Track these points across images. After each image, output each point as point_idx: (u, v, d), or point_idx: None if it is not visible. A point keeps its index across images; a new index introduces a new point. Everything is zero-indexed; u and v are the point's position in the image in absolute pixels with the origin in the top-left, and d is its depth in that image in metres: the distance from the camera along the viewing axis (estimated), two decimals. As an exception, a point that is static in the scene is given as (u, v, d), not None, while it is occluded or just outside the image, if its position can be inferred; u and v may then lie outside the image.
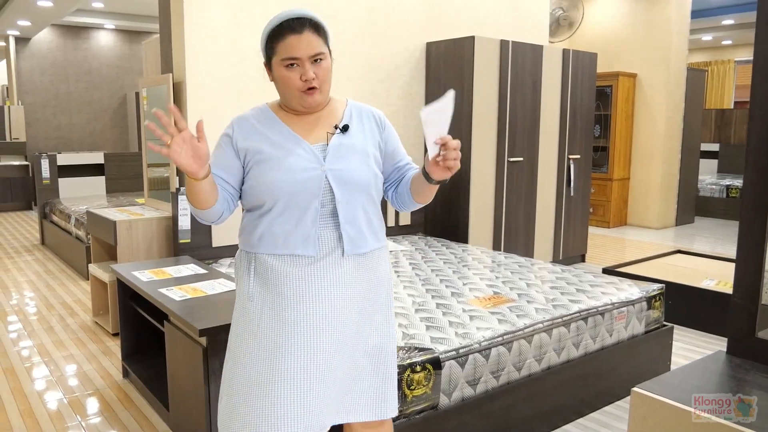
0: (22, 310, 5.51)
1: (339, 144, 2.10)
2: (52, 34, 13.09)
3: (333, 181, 2.05)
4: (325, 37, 2.11)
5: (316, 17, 2.11)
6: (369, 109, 2.26)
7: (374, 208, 2.17)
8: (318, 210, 2.05)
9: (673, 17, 9.36)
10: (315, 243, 2.05)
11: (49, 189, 8.67)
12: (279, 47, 2.07)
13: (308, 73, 2.04)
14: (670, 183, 9.79)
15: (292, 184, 2.03)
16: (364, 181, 2.10)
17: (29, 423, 3.48)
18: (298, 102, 2.10)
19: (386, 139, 2.25)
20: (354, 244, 2.09)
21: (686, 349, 4.60)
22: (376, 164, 2.17)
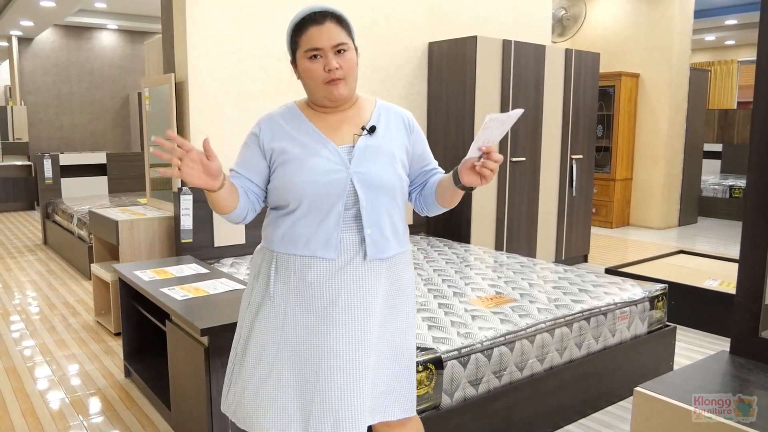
0: (24, 310, 5.51)
1: (365, 146, 2.08)
2: (54, 34, 13.11)
3: (358, 184, 2.03)
4: (348, 29, 2.09)
5: (339, 10, 2.10)
6: (398, 111, 2.23)
7: (399, 213, 2.16)
8: (341, 213, 2.03)
9: (676, 17, 9.34)
10: (336, 246, 2.04)
11: (51, 189, 8.68)
12: (302, 40, 2.06)
13: (331, 63, 2.02)
14: (673, 183, 9.77)
15: (316, 186, 2.02)
16: (390, 184, 2.08)
17: (31, 422, 3.48)
18: (323, 95, 2.07)
19: (414, 142, 2.21)
20: (377, 248, 2.07)
21: (689, 350, 4.59)
22: (402, 167, 2.14)
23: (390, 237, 2.10)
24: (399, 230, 2.15)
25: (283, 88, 5.00)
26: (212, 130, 4.70)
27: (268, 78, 4.94)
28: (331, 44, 2.02)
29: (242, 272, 4.25)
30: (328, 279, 2.04)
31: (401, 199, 2.16)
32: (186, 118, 4.63)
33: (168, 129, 4.72)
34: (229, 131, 4.77)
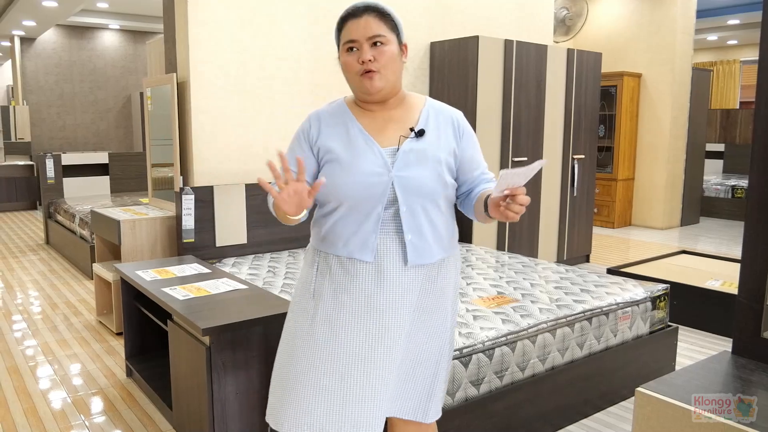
0: (26, 310, 5.52)
1: (410, 149, 2.05)
2: (56, 34, 13.12)
3: (398, 188, 2.01)
4: (391, 24, 2.05)
5: (381, 5, 2.06)
6: (449, 112, 2.17)
7: (442, 217, 2.11)
8: (380, 216, 2.03)
9: (679, 17, 9.34)
10: (373, 249, 2.03)
11: (53, 189, 8.68)
12: (342, 34, 2.07)
13: (364, 55, 2.00)
14: (675, 183, 9.77)
15: (357, 188, 2.02)
16: (431, 190, 2.04)
17: (33, 422, 3.49)
18: (358, 88, 2.07)
19: (463, 146, 2.14)
20: (418, 253, 2.05)
21: (691, 350, 4.59)
22: (448, 172, 2.09)
23: (432, 243, 2.07)
24: (443, 236, 2.11)
25: (284, 88, 5.01)
26: (214, 129, 4.70)
27: (270, 78, 4.94)
28: (366, 35, 2.01)
29: (244, 272, 4.25)
30: (364, 281, 2.05)
31: (446, 204, 2.13)
32: (188, 118, 4.63)
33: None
34: (231, 131, 4.77)
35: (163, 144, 4.99)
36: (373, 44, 2.01)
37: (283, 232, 4.99)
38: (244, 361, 2.84)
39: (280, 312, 2.94)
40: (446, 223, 2.14)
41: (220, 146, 4.75)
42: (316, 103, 5.16)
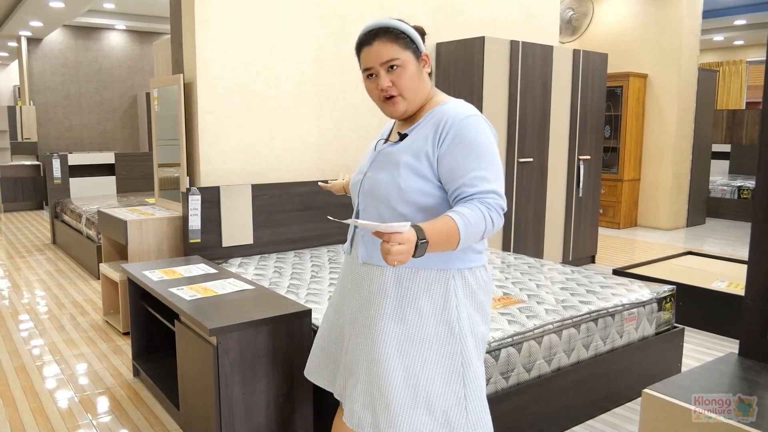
0: (33, 309, 5.54)
1: (382, 151, 2.15)
2: (63, 34, 13.15)
3: (361, 188, 2.16)
4: (404, 42, 2.06)
5: (392, 24, 2.08)
6: (444, 115, 2.03)
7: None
8: (354, 212, 2.22)
9: (685, 17, 9.32)
10: (350, 241, 2.25)
11: (60, 189, 8.71)
12: (360, 61, 2.13)
13: (382, 83, 2.05)
14: (681, 184, 9.75)
15: (351, 185, 2.28)
16: (383, 193, 2.05)
17: (41, 421, 3.50)
18: (383, 111, 2.15)
19: (442, 152, 1.99)
20: (368, 253, 2.13)
21: (697, 351, 4.59)
22: (413, 174, 2.00)
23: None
24: None
25: (289, 88, 5.01)
26: (220, 130, 4.71)
27: (275, 78, 4.95)
28: (379, 62, 2.05)
29: (250, 272, 4.26)
30: (346, 272, 2.29)
31: (413, 210, 2.02)
32: (194, 118, 4.64)
33: (176, 130, 4.74)
34: (237, 131, 4.79)
35: (169, 144, 5.01)
36: (390, 68, 2.05)
37: (288, 232, 5.00)
38: (251, 361, 2.85)
39: (287, 312, 2.95)
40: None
41: (226, 146, 4.76)
42: (321, 103, 5.17)
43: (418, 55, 2.09)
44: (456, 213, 1.84)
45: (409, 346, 2.04)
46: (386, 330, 2.05)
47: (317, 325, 3.19)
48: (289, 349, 2.96)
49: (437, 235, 1.78)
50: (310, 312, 3.04)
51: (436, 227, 1.79)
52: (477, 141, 1.97)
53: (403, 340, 2.04)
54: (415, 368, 2.04)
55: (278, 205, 4.93)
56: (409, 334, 2.05)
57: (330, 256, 4.79)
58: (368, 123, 5.44)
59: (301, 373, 2.99)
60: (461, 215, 1.83)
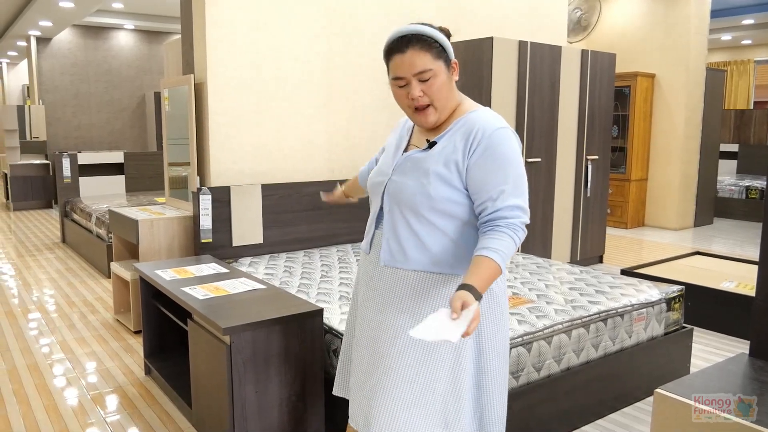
0: (43, 307, 5.57)
1: (409, 157, 2.13)
2: (72, 34, 13.20)
3: (386, 191, 2.14)
4: (436, 51, 2.01)
5: (425, 32, 2.02)
6: (476, 125, 2.03)
7: (430, 230, 2.05)
8: (377, 213, 2.20)
9: (693, 17, 9.32)
10: (369, 241, 2.24)
11: (69, 188, 8.75)
12: (390, 66, 2.07)
13: (413, 92, 2.02)
14: (689, 184, 9.75)
15: (370, 184, 2.26)
16: (410, 200, 2.04)
17: (53, 418, 3.53)
18: (411, 119, 2.16)
19: (472, 163, 2.00)
20: (392, 256, 2.12)
21: (706, 351, 4.59)
22: (443, 183, 2.01)
23: (410, 251, 2.07)
24: (431, 250, 2.05)
25: (299, 89, 5.04)
26: (230, 130, 4.74)
27: (286, 79, 4.97)
28: (412, 72, 2.00)
29: (260, 272, 4.28)
30: (364, 272, 2.28)
31: (441, 218, 2.04)
32: (205, 118, 4.67)
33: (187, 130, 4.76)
34: (246, 131, 4.81)
35: (179, 144, 5.03)
36: (422, 79, 2.01)
37: (297, 232, 5.03)
38: (264, 360, 2.88)
39: (299, 312, 2.97)
40: (436, 237, 2.06)
41: (236, 146, 4.79)
42: (330, 103, 5.19)
43: (449, 63, 2.06)
44: (492, 251, 1.89)
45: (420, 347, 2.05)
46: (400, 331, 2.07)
47: (329, 325, 3.22)
48: (302, 349, 2.98)
49: (486, 284, 1.86)
50: (322, 312, 3.06)
51: (483, 278, 1.86)
52: (506, 155, 1.99)
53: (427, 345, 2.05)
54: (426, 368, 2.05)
55: (288, 205, 4.96)
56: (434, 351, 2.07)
57: (339, 255, 4.81)
58: (377, 123, 5.46)
59: (313, 371, 3.02)
60: (497, 252, 1.89)
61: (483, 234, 1.96)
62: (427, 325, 1.74)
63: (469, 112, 2.09)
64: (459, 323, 1.71)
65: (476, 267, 1.88)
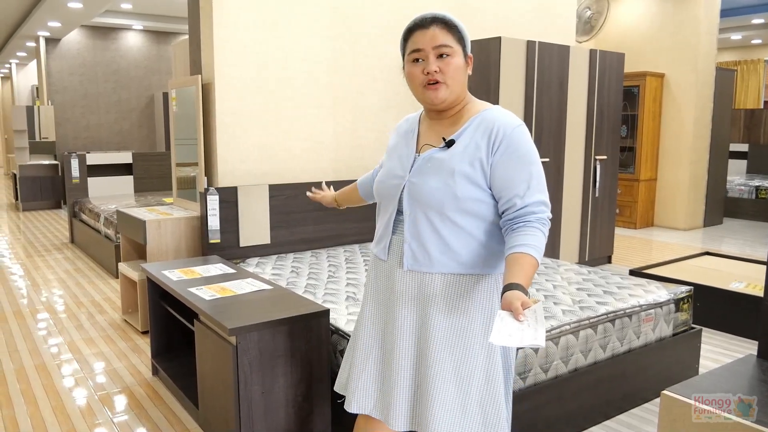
0: (52, 308, 5.59)
1: (429, 158, 2.08)
2: (81, 34, 13.23)
3: (405, 193, 2.09)
4: (458, 36, 2.07)
5: (449, 17, 2.09)
6: (495, 122, 2.04)
7: (454, 230, 2.03)
8: (392, 217, 2.14)
9: (702, 16, 9.28)
10: (386, 248, 2.17)
11: (78, 188, 8.77)
12: (408, 44, 2.11)
13: (430, 66, 2.03)
14: (698, 184, 9.71)
15: (380, 188, 2.20)
16: (435, 201, 2.01)
17: (61, 418, 3.54)
18: (422, 99, 2.12)
19: (496, 160, 2.00)
20: (416, 260, 2.07)
21: (715, 352, 4.57)
22: (469, 183, 2.00)
23: (435, 253, 2.04)
24: (456, 250, 2.04)
25: (306, 89, 5.03)
26: (238, 131, 4.74)
27: (293, 79, 4.97)
28: (432, 45, 2.03)
29: (267, 272, 4.28)
30: (378, 277, 2.23)
31: (466, 218, 2.03)
32: (212, 119, 4.67)
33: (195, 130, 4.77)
34: (254, 132, 4.81)
35: (187, 144, 5.04)
36: (439, 56, 2.04)
37: (305, 232, 5.03)
38: (270, 360, 2.87)
39: (305, 312, 2.97)
40: (462, 238, 2.04)
41: (244, 147, 4.79)
42: (337, 103, 5.19)
43: (465, 54, 2.11)
44: (529, 247, 1.90)
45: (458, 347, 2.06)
46: (436, 334, 2.06)
47: (335, 325, 3.21)
48: (308, 349, 2.98)
49: (529, 280, 1.86)
50: (329, 312, 3.06)
51: (527, 275, 1.86)
52: (528, 152, 2.01)
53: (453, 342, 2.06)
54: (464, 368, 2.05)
55: (295, 205, 4.95)
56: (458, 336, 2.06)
57: (347, 256, 4.81)
58: (384, 123, 5.46)
59: (319, 372, 3.02)
60: (533, 247, 1.91)
61: (513, 230, 1.97)
62: (500, 330, 1.70)
63: (484, 111, 2.10)
64: (535, 325, 1.70)
65: (517, 265, 1.88)
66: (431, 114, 2.18)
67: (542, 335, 1.67)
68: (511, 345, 1.67)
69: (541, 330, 1.68)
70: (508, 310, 1.73)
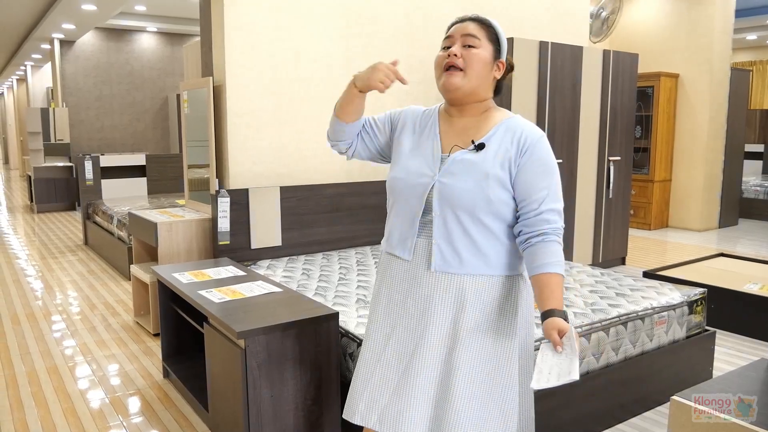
0: (65, 310, 5.61)
1: (460, 159, 2.06)
2: (95, 37, 13.30)
3: (436, 193, 2.05)
4: (491, 37, 2.12)
5: (489, 19, 2.15)
6: (521, 129, 2.08)
7: (484, 233, 2.04)
8: (418, 216, 2.09)
9: (717, 16, 9.22)
10: (411, 248, 2.12)
11: (92, 190, 8.81)
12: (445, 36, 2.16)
13: (453, 48, 2.08)
14: (713, 184, 9.64)
15: (404, 185, 2.13)
16: (468, 202, 2.01)
17: (72, 422, 3.54)
18: (440, 85, 2.12)
19: (522, 165, 2.04)
20: (445, 261, 2.05)
21: (729, 354, 4.53)
22: (500, 186, 2.02)
23: (465, 255, 2.04)
24: (485, 252, 2.05)
25: (318, 91, 5.03)
26: (248, 132, 4.73)
27: (303, 80, 4.96)
28: (461, 33, 2.09)
29: (278, 274, 4.28)
30: (402, 279, 2.15)
31: (495, 221, 2.04)
32: (223, 120, 4.67)
33: (206, 131, 4.77)
34: (265, 133, 4.81)
35: (198, 146, 5.04)
36: (466, 46, 2.08)
37: (316, 234, 5.02)
38: (279, 363, 2.86)
39: (315, 315, 2.96)
40: (490, 240, 2.05)
41: (255, 148, 4.79)
42: (351, 105, 5.17)
43: (497, 57, 2.13)
44: (553, 266, 1.99)
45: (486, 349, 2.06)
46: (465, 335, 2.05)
47: (345, 328, 3.20)
48: (317, 352, 2.97)
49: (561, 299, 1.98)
50: (338, 315, 3.04)
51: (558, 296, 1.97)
52: (550, 163, 2.08)
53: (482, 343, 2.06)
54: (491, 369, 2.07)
55: (306, 207, 4.95)
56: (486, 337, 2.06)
57: (358, 258, 4.80)
58: (396, 125, 5.43)
59: (329, 375, 3.01)
60: (557, 264, 2.00)
61: (532, 246, 2.02)
62: (541, 371, 1.81)
63: (508, 119, 2.12)
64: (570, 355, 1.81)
65: (547, 288, 1.97)
66: (451, 110, 2.17)
67: (576, 368, 1.77)
68: (550, 385, 1.77)
69: (575, 362, 1.79)
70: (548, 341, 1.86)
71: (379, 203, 5.15)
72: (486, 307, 2.06)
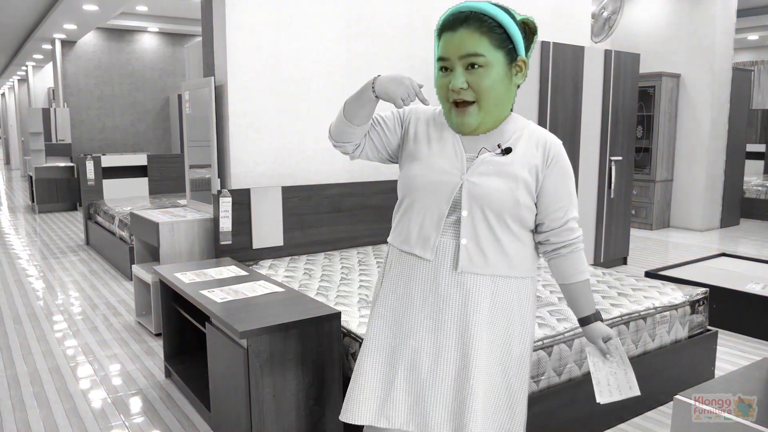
0: (67, 310, 5.61)
1: (489, 161, 1.96)
2: (96, 37, 13.31)
3: (465, 193, 1.95)
4: (497, 38, 1.83)
5: (488, 11, 1.82)
6: (544, 136, 2.03)
7: (509, 236, 1.99)
8: (443, 216, 1.98)
9: (719, 16, 9.21)
10: (434, 248, 2.00)
11: (93, 190, 8.82)
12: (438, 48, 1.90)
13: (454, 81, 1.83)
14: (715, 184, 9.64)
15: (427, 182, 1.99)
16: (498, 203, 1.94)
17: (74, 422, 3.54)
18: (448, 118, 1.97)
19: (548, 173, 2.00)
20: (471, 262, 1.97)
21: (731, 354, 4.53)
22: (525, 191, 1.97)
23: (491, 255, 1.98)
24: (509, 254, 2.00)
25: (320, 91, 5.02)
26: (251, 132, 4.73)
27: (305, 81, 4.96)
28: (459, 54, 1.81)
29: (280, 274, 4.28)
30: (423, 280, 2.03)
31: (517, 225, 2.00)
32: (225, 120, 4.67)
33: (208, 132, 4.77)
34: (267, 134, 4.81)
35: (200, 146, 5.04)
36: (470, 66, 1.83)
37: (318, 234, 5.02)
38: (281, 363, 2.86)
39: (316, 315, 2.96)
40: (513, 242, 2.01)
41: (257, 149, 4.78)
42: (352, 105, 5.17)
43: (513, 58, 1.89)
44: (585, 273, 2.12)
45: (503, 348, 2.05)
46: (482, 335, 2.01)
47: (347, 328, 3.20)
48: (319, 352, 2.97)
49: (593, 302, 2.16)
50: (340, 315, 3.04)
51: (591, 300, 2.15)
52: (570, 171, 2.07)
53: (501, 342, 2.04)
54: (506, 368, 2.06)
55: (308, 207, 4.95)
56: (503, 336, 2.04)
57: (360, 258, 4.80)
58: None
59: (331, 375, 3.01)
60: (587, 271, 2.13)
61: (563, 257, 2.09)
62: (599, 382, 1.97)
63: (527, 124, 2.06)
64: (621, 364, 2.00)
65: (582, 296, 2.13)
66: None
67: (634, 381, 1.95)
68: (614, 399, 1.91)
69: (630, 374, 1.92)
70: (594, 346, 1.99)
71: (381, 203, 5.15)
72: (506, 308, 2.03)
